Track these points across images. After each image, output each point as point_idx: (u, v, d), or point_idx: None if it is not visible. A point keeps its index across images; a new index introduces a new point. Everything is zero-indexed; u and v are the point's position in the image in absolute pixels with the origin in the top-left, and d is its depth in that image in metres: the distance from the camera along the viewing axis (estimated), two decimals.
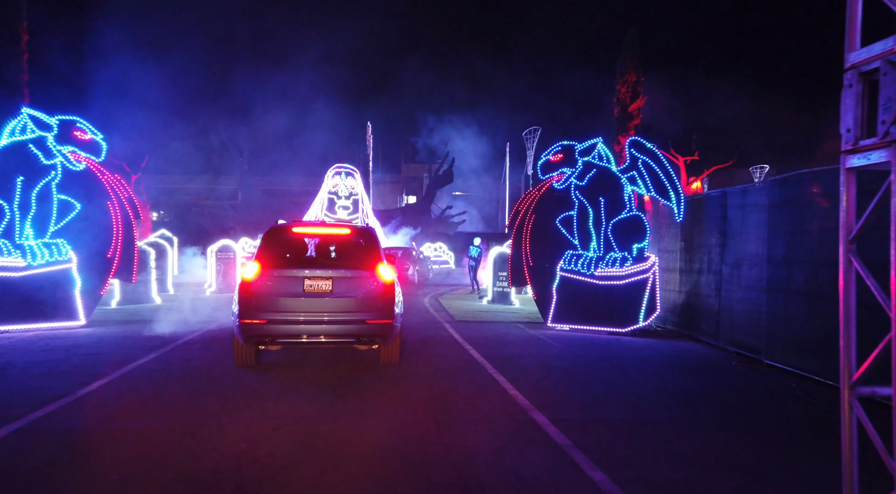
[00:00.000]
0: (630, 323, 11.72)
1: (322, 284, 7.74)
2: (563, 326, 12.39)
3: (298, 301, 7.66)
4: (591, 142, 12.27)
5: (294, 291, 7.68)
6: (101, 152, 11.47)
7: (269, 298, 7.61)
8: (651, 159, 11.65)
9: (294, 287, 7.70)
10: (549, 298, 12.48)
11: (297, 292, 7.68)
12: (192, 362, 8.49)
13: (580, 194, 12.25)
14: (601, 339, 11.37)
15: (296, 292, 7.68)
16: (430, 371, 8.23)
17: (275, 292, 7.66)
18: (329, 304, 7.71)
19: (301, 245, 8.74)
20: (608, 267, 11.85)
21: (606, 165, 12.10)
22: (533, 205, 12.84)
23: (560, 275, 12.33)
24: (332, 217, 38.22)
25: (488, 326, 12.97)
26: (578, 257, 12.19)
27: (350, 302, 7.74)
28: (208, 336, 10.56)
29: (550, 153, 12.55)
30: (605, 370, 8.58)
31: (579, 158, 12.29)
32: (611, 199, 11.99)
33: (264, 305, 7.58)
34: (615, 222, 11.91)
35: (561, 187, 12.49)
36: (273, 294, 7.64)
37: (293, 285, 7.70)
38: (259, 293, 7.61)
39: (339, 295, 7.74)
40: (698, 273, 11.48)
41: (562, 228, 12.46)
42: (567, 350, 10.12)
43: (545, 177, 12.67)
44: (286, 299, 7.64)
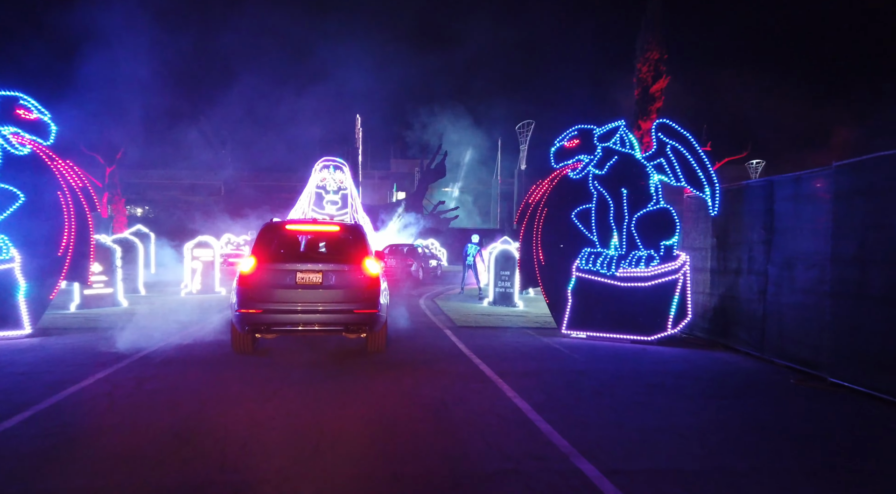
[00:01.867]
0: (656, 330, 10.34)
1: (313, 276, 8.31)
2: (580, 333, 10.99)
3: (291, 293, 8.23)
4: (613, 125, 10.86)
5: (287, 283, 8.27)
6: (50, 134, 9.92)
7: (265, 289, 8.19)
8: (682, 145, 10.26)
9: (287, 280, 8.28)
10: (563, 301, 11.07)
11: (290, 284, 8.26)
12: (147, 384, 7.00)
13: (599, 185, 10.84)
14: (626, 349, 9.98)
15: (289, 284, 8.26)
16: (435, 394, 6.80)
17: (270, 284, 8.23)
18: (319, 295, 8.28)
19: (294, 241, 9.17)
20: (631, 267, 10.46)
21: (629, 152, 10.70)
22: (545, 197, 11.42)
23: (576, 276, 10.93)
24: (319, 213, 36.70)
25: (494, 332, 11.55)
26: (597, 256, 10.79)
27: (338, 293, 8.32)
28: (172, 349, 9.05)
29: (565, 138, 11.14)
30: (644, 392, 7.17)
31: (598, 143, 10.88)
32: (635, 190, 10.59)
33: (260, 296, 8.16)
34: (640, 216, 10.52)
35: (577, 177, 11.08)
36: (268, 286, 8.22)
37: (286, 278, 8.28)
38: (255, 285, 8.19)
39: (329, 287, 8.32)
40: (735, 274, 10.11)
41: (578, 223, 11.05)
42: (591, 364, 8.72)
43: (559, 165, 11.25)
44: (280, 291, 8.22)
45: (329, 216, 36.25)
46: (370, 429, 5.55)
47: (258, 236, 8.77)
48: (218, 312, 13.30)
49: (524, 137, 55.86)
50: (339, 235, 9.32)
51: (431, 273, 27.98)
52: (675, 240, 10.36)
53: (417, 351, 9.39)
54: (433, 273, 28.25)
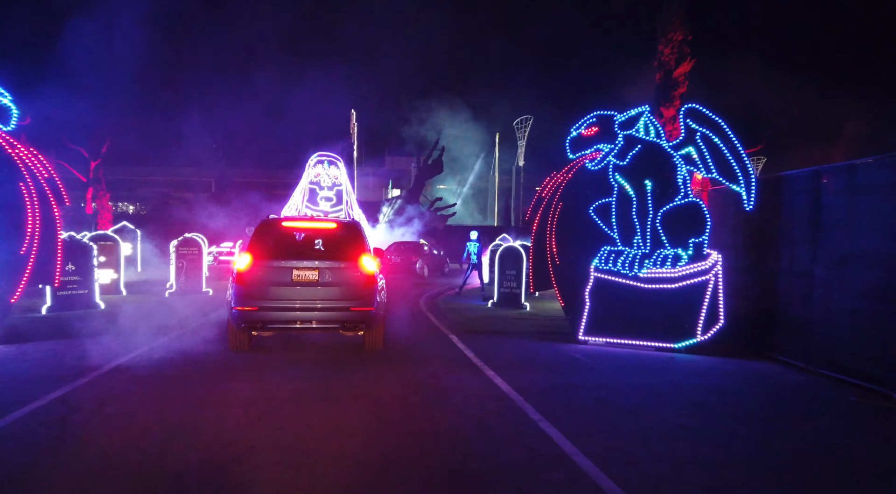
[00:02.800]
0: (684, 337, 9.38)
1: (309, 274, 8.27)
2: (598, 339, 10.02)
3: (287, 290, 8.18)
4: (636, 111, 9.87)
5: (283, 280, 8.21)
6: (10, 119, 8.87)
7: (261, 286, 8.13)
8: (714, 132, 9.28)
9: (283, 277, 8.22)
10: (580, 304, 10.09)
11: (286, 281, 8.21)
12: (110, 405, 5.99)
13: (621, 177, 9.86)
14: (652, 358, 9.01)
15: (285, 282, 8.20)
16: (448, 417, 5.81)
17: (266, 281, 8.17)
18: (315, 292, 8.23)
19: (290, 238, 8.93)
20: (656, 267, 9.49)
21: (655, 141, 9.72)
22: (560, 190, 10.43)
23: (594, 277, 9.95)
24: (313, 209, 35.62)
25: (505, 339, 10.56)
26: (618, 255, 9.82)
27: (335, 291, 8.27)
28: (146, 360, 8.03)
29: (583, 126, 10.14)
30: (688, 413, 6.20)
31: (619, 131, 9.90)
32: (660, 182, 9.62)
33: (256, 293, 8.10)
34: (666, 211, 9.54)
35: (596, 168, 10.09)
36: (264, 283, 8.16)
37: (282, 275, 8.23)
38: (251, 282, 8.13)
39: (325, 284, 8.27)
40: (771, 275, 9.16)
41: (597, 218, 10.07)
42: (619, 377, 7.74)
43: (576, 156, 10.26)
44: (276, 288, 8.17)
45: (323, 213, 35.17)
46: (368, 472, 4.56)
47: (254, 233, 8.72)
48: (202, 315, 12.26)
49: (522, 133, 54.93)
50: (336, 232, 9.09)
51: (438, 271, 27.41)
52: (704, 237, 9.38)
53: (423, 363, 8.39)
54: (440, 270, 27.70)
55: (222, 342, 9.29)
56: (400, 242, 28.87)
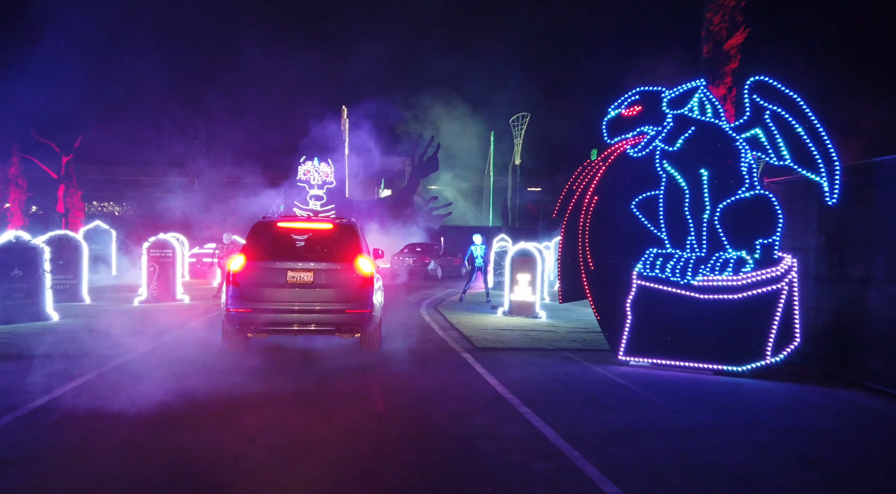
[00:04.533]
0: (750, 358, 7.74)
1: (304, 275, 8.14)
2: (642, 359, 8.37)
3: (282, 292, 8.05)
4: (689, 86, 8.23)
5: (277, 282, 8.09)
6: None
7: (255, 288, 8.03)
8: (787, 110, 7.65)
9: (277, 278, 8.10)
10: (619, 318, 8.44)
11: (280, 282, 8.09)
12: (12, 473, 4.26)
13: (670, 165, 8.22)
14: (714, 385, 7.37)
15: (279, 283, 8.09)
16: (485, 489, 4.13)
17: (260, 283, 8.06)
18: (310, 294, 8.09)
19: (285, 239, 8.72)
20: (715, 273, 7.85)
21: (713, 121, 8.08)
22: (595, 182, 8.77)
23: (637, 285, 8.30)
24: (302, 209, 33.87)
25: (528, 358, 8.88)
26: (667, 259, 8.17)
27: (330, 293, 8.13)
28: (87, 394, 6.29)
29: (623, 104, 8.49)
30: (812, 481, 4.54)
31: (669, 110, 8.25)
32: (720, 171, 7.98)
33: (249, 294, 7.99)
34: (727, 206, 7.90)
35: (639, 155, 8.44)
36: (258, 285, 8.05)
37: (276, 277, 8.11)
38: (245, 284, 8.02)
39: (320, 286, 8.14)
40: (861, 283, 7.54)
41: (640, 215, 8.43)
42: (689, 415, 6.07)
43: (614, 140, 8.61)
44: (270, 290, 8.04)
45: (312, 213, 33.37)
46: None
47: (249, 234, 8.59)
48: (175, 328, 10.49)
49: (519, 131, 53.33)
50: (331, 233, 8.84)
51: (454, 272, 26.29)
52: (776, 238, 7.74)
53: (436, 395, 6.70)
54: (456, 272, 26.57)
55: (185, 365, 7.58)
56: (413, 243, 28.54)
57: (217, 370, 7.46)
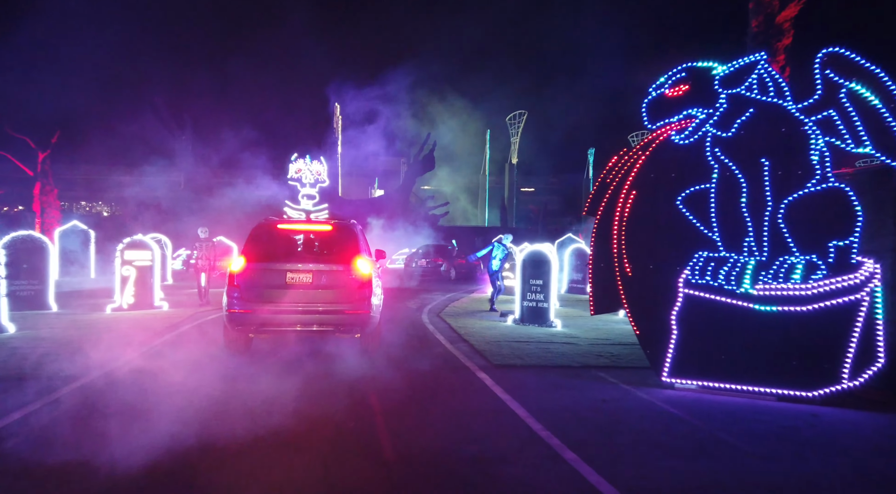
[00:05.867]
0: (823, 382, 6.54)
1: (303, 276, 8.23)
2: (690, 381, 7.16)
3: (281, 293, 8.09)
4: (747, 60, 7.01)
5: (277, 283, 8.17)
6: None
7: (255, 289, 8.12)
8: (867, 87, 6.46)
9: (277, 279, 8.19)
10: (663, 333, 7.22)
11: (279, 284, 8.17)
12: None
13: (724, 153, 7.01)
14: (784, 415, 6.16)
15: (279, 284, 8.16)
16: None
17: (260, 284, 8.14)
18: (309, 295, 8.15)
19: (284, 240, 8.87)
20: (779, 281, 6.64)
21: (775, 102, 6.87)
22: (633, 174, 7.54)
23: (685, 294, 7.09)
24: (294, 208, 32.52)
25: (554, 378, 7.64)
26: (719, 264, 6.96)
27: (329, 294, 8.21)
28: (21, 433, 5.01)
29: (667, 84, 7.27)
30: None
31: (721, 89, 7.04)
32: (785, 160, 6.78)
33: (249, 296, 8.09)
34: (793, 202, 6.70)
35: (686, 142, 7.23)
36: (258, 286, 8.13)
37: (276, 278, 8.20)
38: (245, 285, 8.12)
39: (319, 287, 8.22)
40: None
41: (687, 212, 7.22)
42: (772, 461, 4.86)
43: (655, 126, 7.39)
44: (270, 291, 8.10)
45: (304, 213, 32.02)
46: None
47: (249, 236, 8.63)
48: (146, 342, 9.18)
49: (516, 129, 52.19)
50: (330, 234, 8.93)
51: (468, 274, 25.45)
52: (854, 239, 6.54)
53: (454, 429, 5.45)
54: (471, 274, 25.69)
55: (146, 394, 6.31)
56: (427, 244, 28.68)
57: (187, 398, 6.19)
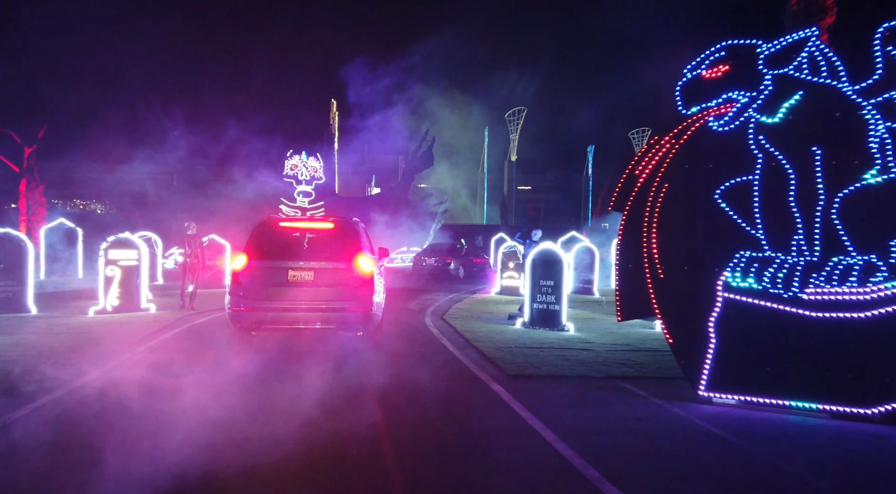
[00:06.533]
0: (883, 398, 5.81)
1: (305, 274, 8.26)
2: (730, 396, 6.43)
3: (283, 290, 8.13)
4: (794, 37, 6.27)
5: (279, 281, 8.20)
6: None
7: (257, 287, 8.15)
8: None
9: (279, 277, 8.22)
10: (699, 341, 6.48)
11: (281, 281, 8.20)
12: None
13: (770, 141, 6.27)
14: (842, 435, 5.44)
15: (280, 282, 8.19)
16: None
17: (262, 282, 8.18)
18: (311, 293, 8.16)
19: (286, 238, 8.76)
20: (833, 284, 5.92)
21: (829, 83, 6.14)
22: (666, 165, 6.80)
23: (724, 298, 6.35)
24: (289, 206, 31.76)
25: (577, 391, 6.89)
26: (764, 265, 6.23)
27: (331, 292, 8.22)
28: None
29: (704, 64, 6.53)
30: None
31: (766, 70, 6.30)
32: (839, 148, 6.04)
33: (251, 294, 8.13)
34: (849, 195, 5.97)
35: (726, 129, 6.49)
36: (260, 284, 8.17)
37: (278, 276, 8.23)
38: (247, 283, 8.18)
39: (321, 285, 8.24)
40: None
41: (727, 207, 6.48)
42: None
43: (690, 111, 6.65)
44: (272, 289, 8.14)
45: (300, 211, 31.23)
46: None
47: (252, 234, 8.70)
48: (127, 350, 8.40)
49: (515, 126, 51.44)
50: (332, 231, 8.91)
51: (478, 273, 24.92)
52: None
53: (474, 457, 4.71)
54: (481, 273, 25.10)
55: (119, 414, 5.55)
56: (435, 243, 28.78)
57: (165, 421, 5.43)
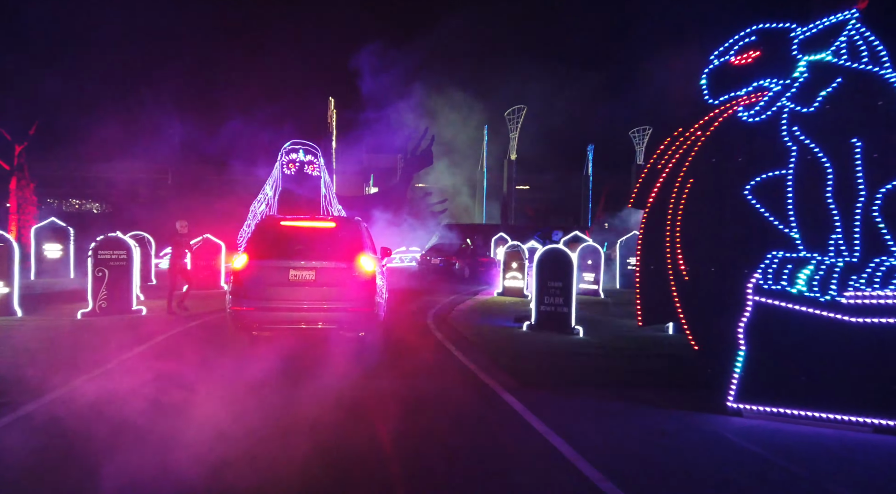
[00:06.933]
0: None
1: (306, 274, 8.13)
2: (761, 408, 5.97)
3: (284, 290, 8.05)
4: (832, 19, 5.81)
5: (280, 280, 8.08)
6: None
7: (258, 286, 8.04)
8: None
9: (280, 277, 8.10)
10: (727, 348, 6.02)
11: (282, 281, 8.08)
12: None
13: (805, 133, 5.81)
14: (891, 451, 4.98)
15: (282, 282, 8.08)
16: None
17: (263, 282, 8.06)
18: (313, 293, 8.07)
19: (288, 237, 8.65)
20: (874, 287, 5.47)
21: (870, 69, 5.68)
22: (691, 158, 6.34)
23: (755, 302, 5.89)
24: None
25: (594, 402, 6.42)
26: (798, 266, 5.77)
27: (332, 291, 8.10)
28: None
29: (733, 50, 6.07)
30: None
31: (801, 55, 5.84)
32: (881, 140, 5.60)
33: (253, 293, 8.02)
34: (891, 191, 5.52)
35: (757, 120, 6.03)
36: (261, 283, 8.05)
37: (279, 275, 8.11)
38: (248, 283, 8.06)
39: (322, 285, 8.12)
40: None
41: (757, 203, 6.02)
42: None
43: (718, 100, 6.19)
44: (273, 288, 8.05)
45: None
46: None
47: (253, 232, 8.72)
48: (113, 357, 7.90)
49: (515, 124, 50.97)
50: (334, 230, 8.88)
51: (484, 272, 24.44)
52: None
53: (490, 482, 4.24)
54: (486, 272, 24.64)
55: (88, 439, 5.06)
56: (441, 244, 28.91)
57: (143, 442, 4.95)
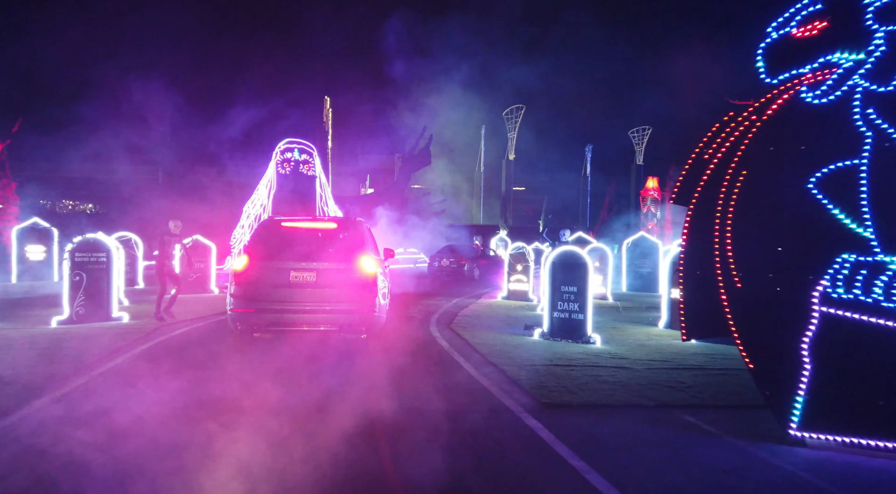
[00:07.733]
0: None
1: (307, 275, 8.12)
2: (832, 437, 5.12)
3: (285, 292, 8.03)
4: None
5: (280, 281, 8.08)
6: None
7: (258, 288, 8.03)
8: None
9: (280, 278, 8.09)
10: (790, 366, 5.17)
11: (283, 282, 8.08)
12: None
13: (881, 116, 4.97)
14: None
15: (282, 283, 8.08)
16: None
17: (263, 283, 8.06)
18: (314, 294, 8.05)
19: (288, 238, 8.62)
20: None
21: None
22: (744, 147, 5.49)
23: (822, 314, 5.05)
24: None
25: (630, 427, 5.58)
26: (874, 271, 4.93)
27: (333, 293, 8.07)
28: None
29: (794, 20, 5.23)
30: None
31: (878, 25, 5.00)
32: None
33: (253, 295, 8.02)
34: None
35: (823, 101, 5.18)
36: (262, 285, 8.05)
37: (280, 276, 8.10)
38: (249, 284, 8.05)
39: (323, 286, 8.11)
40: None
41: (824, 199, 5.17)
42: None
43: (778, 79, 5.34)
44: (273, 290, 8.03)
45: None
46: None
47: (254, 233, 8.79)
48: (83, 372, 7.00)
49: (513, 124, 50.18)
50: (336, 232, 8.90)
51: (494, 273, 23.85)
52: None
53: None
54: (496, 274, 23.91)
55: (35, 484, 4.18)
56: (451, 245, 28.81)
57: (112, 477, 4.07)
